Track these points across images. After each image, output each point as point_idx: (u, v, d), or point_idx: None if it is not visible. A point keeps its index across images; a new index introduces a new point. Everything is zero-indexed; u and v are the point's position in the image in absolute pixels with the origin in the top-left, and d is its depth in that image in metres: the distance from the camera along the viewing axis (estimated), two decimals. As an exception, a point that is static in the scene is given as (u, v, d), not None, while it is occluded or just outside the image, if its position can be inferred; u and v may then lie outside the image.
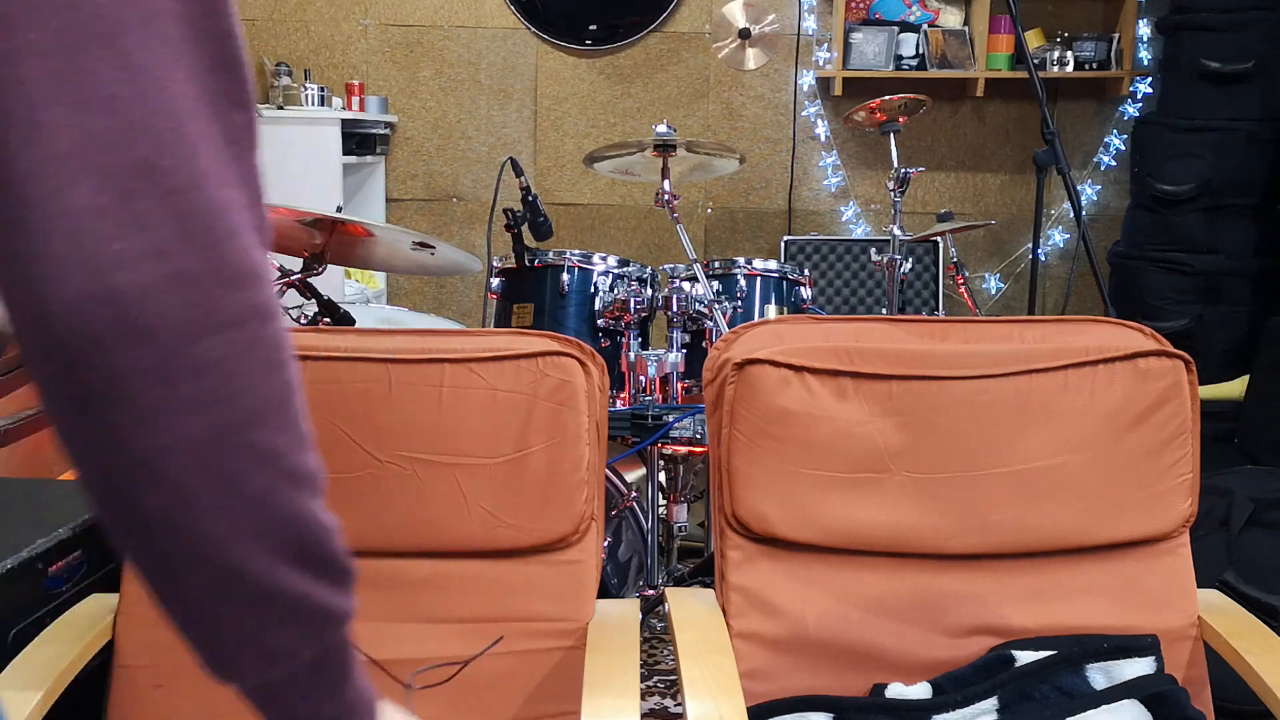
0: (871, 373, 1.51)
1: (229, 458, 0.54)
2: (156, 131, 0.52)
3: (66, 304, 0.50)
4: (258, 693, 0.64)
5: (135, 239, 0.51)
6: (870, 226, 4.14)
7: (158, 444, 0.53)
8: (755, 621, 1.50)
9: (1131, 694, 1.45)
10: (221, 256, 0.53)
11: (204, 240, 0.52)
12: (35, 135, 0.50)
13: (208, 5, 0.54)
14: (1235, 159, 3.51)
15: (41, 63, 0.49)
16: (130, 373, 0.51)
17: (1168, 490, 1.54)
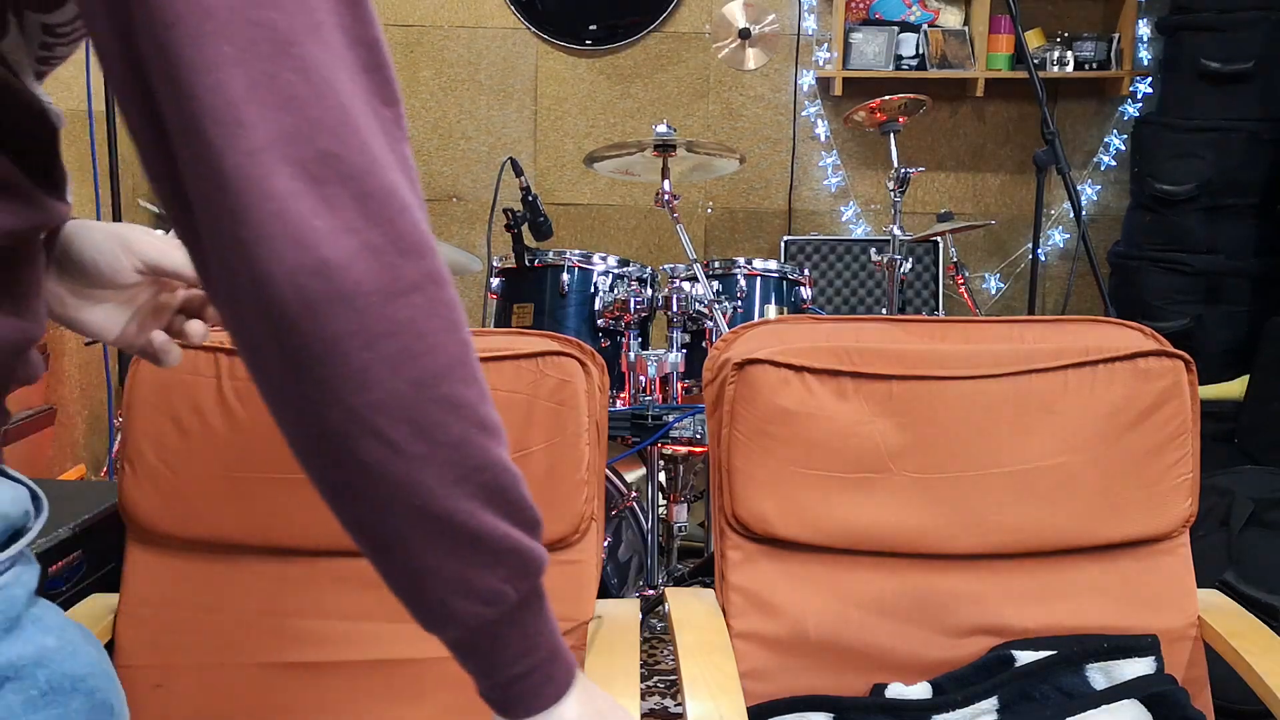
0: (871, 373, 1.51)
1: (429, 409, 0.60)
2: (332, 125, 0.58)
3: (284, 275, 0.56)
4: (466, 642, 0.69)
5: (328, 217, 0.57)
6: (870, 226, 4.14)
7: (369, 399, 0.58)
8: (755, 621, 1.50)
9: (1131, 694, 1.45)
10: (398, 230, 0.59)
11: (382, 216, 0.58)
12: (238, 133, 0.56)
13: (359, 15, 0.61)
14: (1235, 159, 3.51)
15: (236, 70, 0.56)
16: (341, 334, 0.57)
17: (1168, 490, 1.54)
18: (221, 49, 0.56)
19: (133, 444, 1.47)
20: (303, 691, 1.45)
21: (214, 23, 0.56)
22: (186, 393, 1.45)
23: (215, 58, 0.56)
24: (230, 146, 0.56)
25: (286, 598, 1.46)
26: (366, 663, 1.45)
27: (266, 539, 1.46)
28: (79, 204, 3.13)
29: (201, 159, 0.56)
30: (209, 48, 0.56)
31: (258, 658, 1.44)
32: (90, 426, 3.26)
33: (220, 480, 1.46)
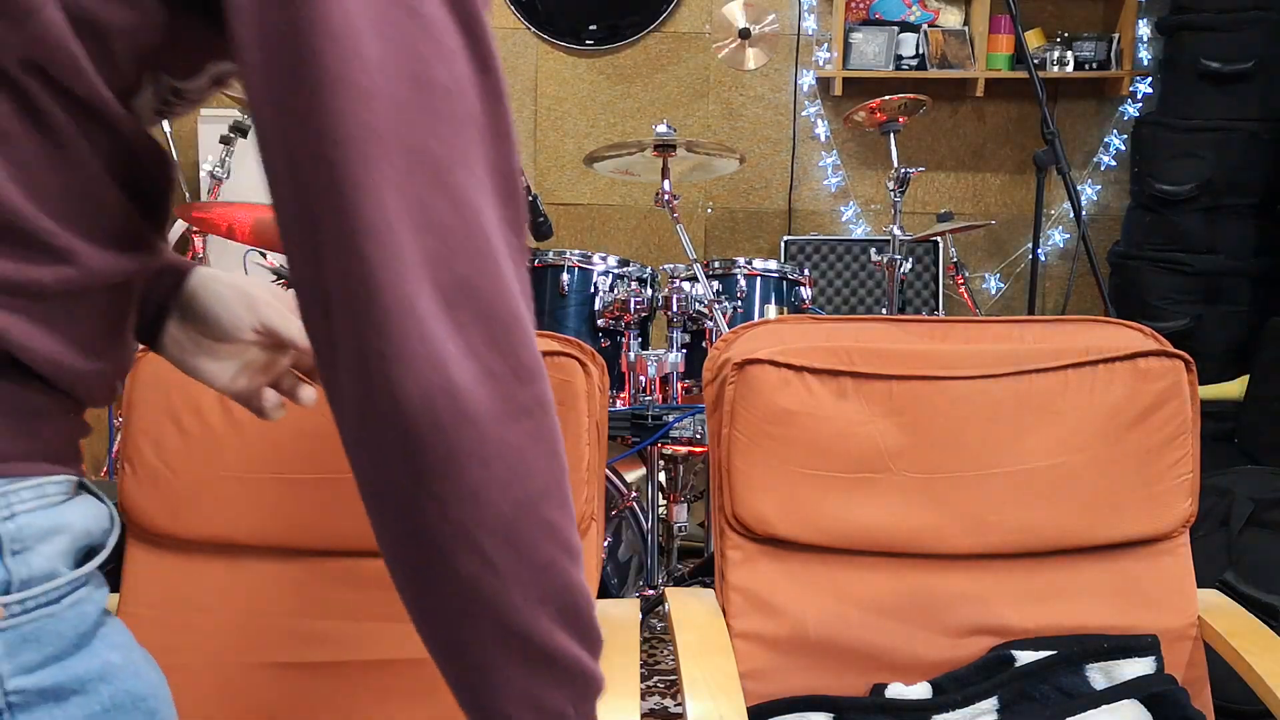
0: (871, 373, 1.51)
1: (526, 529, 0.63)
2: (472, 252, 0.61)
3: (418, 393, 0.59)
4: None
5: (459, 340, 0.60)
6: (870, 226, 4.14)
7: (475, 516, 0.62)
8: (755, 621, 1.50)
9: (1131, 694, 1.45)
10: (519, 358, 0.62)
11: (506, 343, 0.62)
12: (393, 253, 0.59)
13: (503, 147, 0.64)
14: (1235, 159, 3.51)
15: (394, 193, 0.59)
16: (460, 453, 0.61)
17: (1168, 490, 1.54)
18: (384, 171, 0.59)
19: (133, 444, 1.47)
20: (303, 691, 1.45)
21: (379, 146, 0.58)
22: (186, 393, 1.45)
23: (378, 180, 0.58)
24: (384, 265, 0.59)
25: (286, 598, 1.46)
26: (366, 663, 1.45)
27: (266, 539, 1.46)
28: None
29: (353, 273, 0.59)
30: (373, 170, 0.58)
31: (258, 658, 1.44)
32: (90, 426, 3.26)
33: (220, 480, 1.46)
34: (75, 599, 0.67)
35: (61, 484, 0.67)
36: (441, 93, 0.60)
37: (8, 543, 0.63)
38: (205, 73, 0.71)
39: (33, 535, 0.64)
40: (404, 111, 0.59)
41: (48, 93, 0.62)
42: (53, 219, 0.63)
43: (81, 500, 0.69)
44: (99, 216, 0.66)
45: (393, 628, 1.44)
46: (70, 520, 0.67)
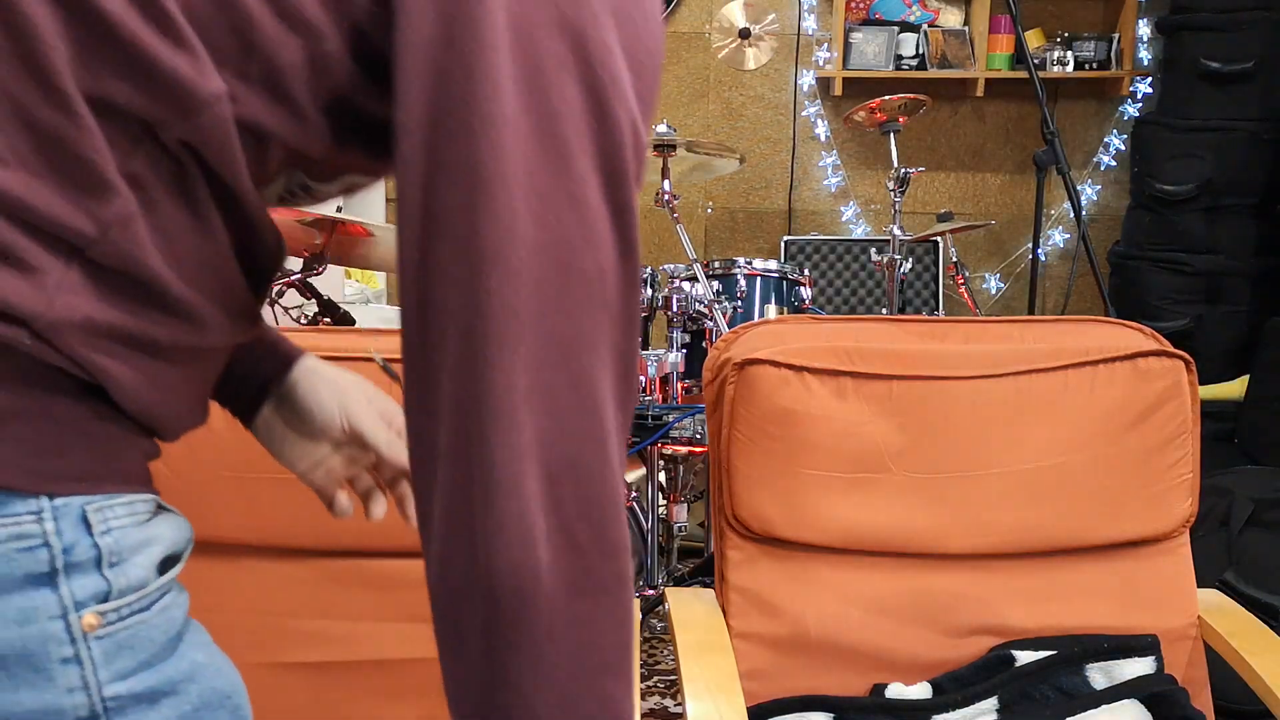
0: (871, 373, 1.51)
1: (582, 702, 0.65)
2: (583, 434, 0.63)
3: (506, 567, 0.61)
4: None
5: (553, 516, 0.62)
6: (870, 226, 4.14)
7: (536, 683, 0.64)
8: (755, 621, 1.50)
9: (1131, 694, 1.45)
10: (606, 536, 0.64)
11: (597, 521, 0.64)
12: (511, 431, 0.61)
13: (630, 330, 0.67)
14: (1235, 159, 3.51)
15: (523, 373, 0.61)
16: (532, 625, 0.63)
17: (1168, 490, 1.54)
18: (518, 352, 0.61)
19: (133, 444, 1.47)
20: (303, 691, 1.45)
21: (518, 325, 0.61)
22: (186, 393, 1.45)
23: (511, 361, 0.61)
24: (501, 442, 0.61)
25: (286, 598, 1.46)
26: (366, 663, 1.45)
27: (266, 539, 1.46)
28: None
29: (469, 441, 0.62)
30: (507, 350, 0.61)
31: (258, 658, 1.44)
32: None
33: (220, 480, 1.46)
34: (164, 604, 0.70)
35: (149, 502, 0.70)
36: (585, 279, 0.63)
37: (106, 555, 0.65)
38: (341, 180, 0.75)
39: (128, 548, 0.67)
40: (547, 296, 0.61)
41: (199, 172, 0.65)
42: (181, 283, 0.65)
43: (166, 516, 0.73)
44: (219, 286, 0.69)
45: (393, 628, 1.44)
46: (160, 533, 0.70)
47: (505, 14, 0.60)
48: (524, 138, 0.61)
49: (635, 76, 0.64)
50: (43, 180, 0.60)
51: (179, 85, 0.61)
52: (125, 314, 0.64)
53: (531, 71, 0.61)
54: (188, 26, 0.61)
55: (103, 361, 0.63)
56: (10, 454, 0.62)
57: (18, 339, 0.60)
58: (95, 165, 0.61)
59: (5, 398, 0.62)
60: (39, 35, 0.59)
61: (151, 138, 0.63)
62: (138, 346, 0.65)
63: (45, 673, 0.64)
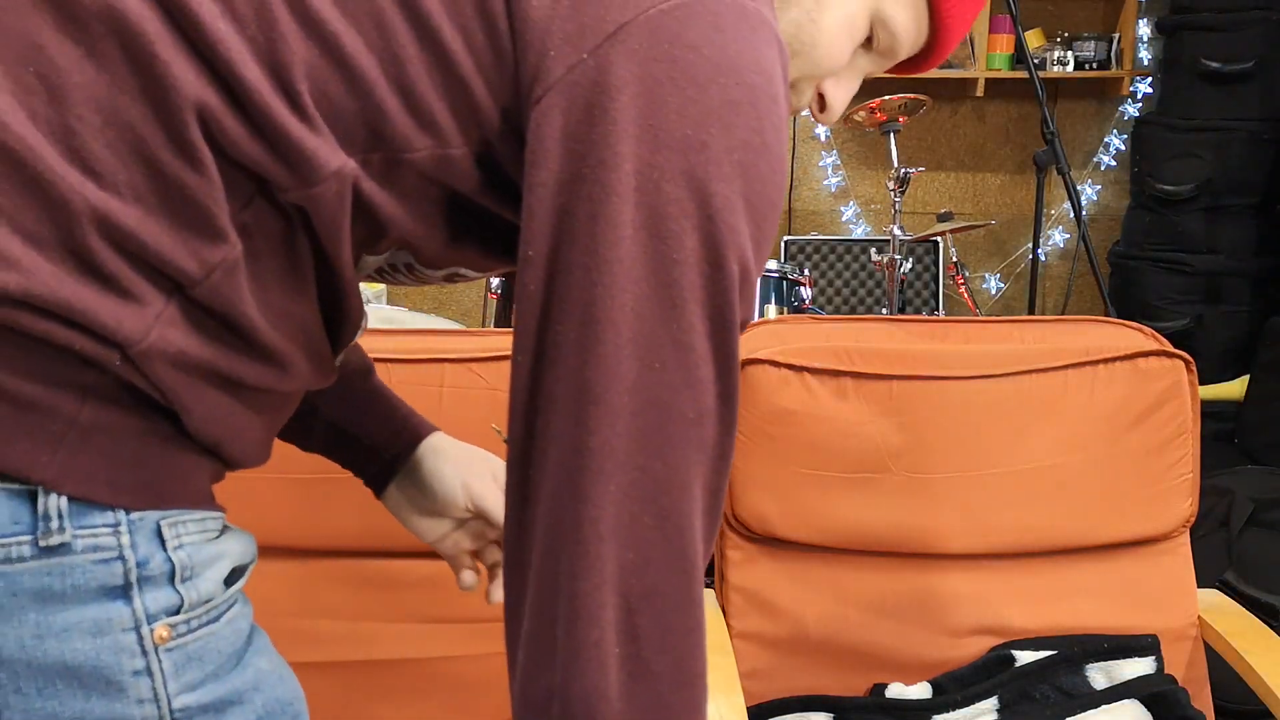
0: (871, 373, 1.51)
1: None
2: (666, 563, 0.64)
3: (581, 693, 0.64)
4: None
5: (628, 645, 0.64)
6: (870, 226, 4.14)
7: None
8: (755, 621, 1.50)
9: (1131, 694, 1.45)
10: (682, 665, 0.66)
11: (674, 649, 0.65)
12: (596, 563, 0.63)
13: (723, 469, 0.67)
14: (1235, 159, 3.51)
15: (611, 507, 0.63)
16: None
17: (1168, 490, 1.54)
18: (609, 487, 0.63)
19: (133, 444, 1.47)
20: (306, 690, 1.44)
21: (612, 463, 0.63)
22: (186, 393, 1.45)
23: (602, 495, 0.63)
24: (584, 574, 0.63)
25: (286, 598, 1.46)
26: (366, 663, 1.45)
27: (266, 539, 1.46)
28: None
29: (557, 564, 0.64)
30: (600, 481, 0.63)
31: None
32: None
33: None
34: (231, 616, 0.72)
35: (218, 519, 0.72)
36: (683, 421, 0.64)
37: (179, 569, 0.67)
38: (447, 269, 0.76)
39: (200, 562, 0.69)
40: (644, 436, 0.63)
41: (305, 235, 0.68)
42: (272, 330, 0.68)
43: (233, 532, 0.75)
44: (304, 339, 0.71)
45: (393, 628, 1.45)
46: (229, 549, 0.72)
47: (634, 162, 0.62)
48: (638, 282, 0.63)
49: (754, 227, 0.66)
50: (156, 218, 0.63)
51: (304, 156, 0.64)
52: (215, 352, 0.66)
53: (653, 219, 0.62)
54: (314, 108, 0.64)
55: (184, 392, 0.66)
56: (93, 466, 0.64)
57: (109, 360, 0.63)
58: (210, 212, 0.63)
59: (92, 412, 0.63)
60: (176, 88, 0.62)
61: (268, 195, 0.65)
62: (220, 383, 0.68)
63: (117, 684, 0.65)
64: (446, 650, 1.46)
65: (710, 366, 0.65)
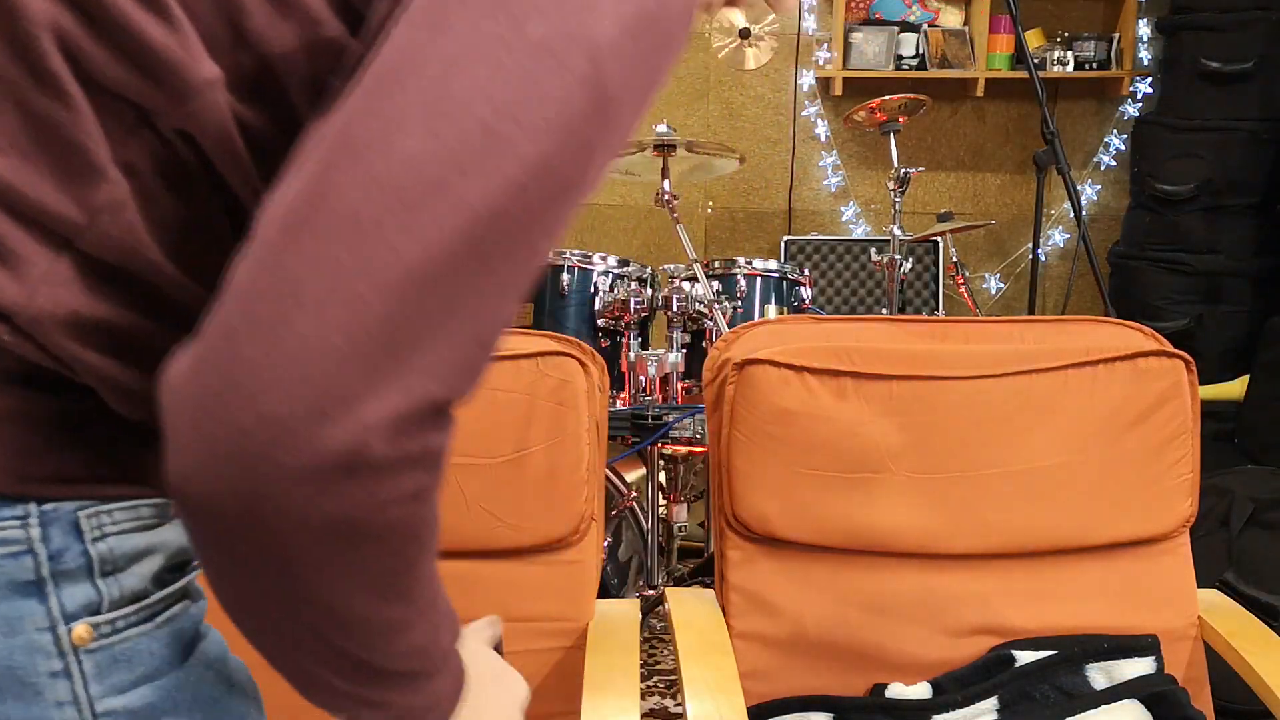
0: (871, 373, 1.51)
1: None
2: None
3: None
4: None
5: None
6: (870, 226, 4.14)
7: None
8: (755, 621, 1.50)
9: (1131, 694, 1.45)
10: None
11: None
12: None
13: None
14: (1235, 159, 3.51)
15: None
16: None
17: (1168, 490, 1.54)
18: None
19: (133, 444, 1.47)
20: (303, 691, 1.45)
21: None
22: (186, 393, 1.45)
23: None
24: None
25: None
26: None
27: (266, 539, 1.46)
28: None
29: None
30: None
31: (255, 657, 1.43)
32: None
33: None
34: (169, 616, 0.66)
35: (155, 506, 0.66)
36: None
37: (98, 563, 0.62)
38: None
39: (125, 556, 0.63)
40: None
41: (202, 171, 0.62)
42: (183, 277, 0.62)
43: (175, 521, 0.68)
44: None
45: (393, 628, 1.44)
46: (166, 540, 0.67)
47: None
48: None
49: None
50: (32, 165, 0.58)
51: (170, 68, 0.58)
52: (119, 308, 0.61)
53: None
54: (177, 7, 0.58)
55: (91, 359, 0.60)
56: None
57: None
58: (86, 150, 0.58)
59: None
60: (28, 15, 0.57)
61: (148, 126, 0.60)
62: (131, 343, 0.62)
63: (33, 686, 0.61)
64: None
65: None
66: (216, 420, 0.50)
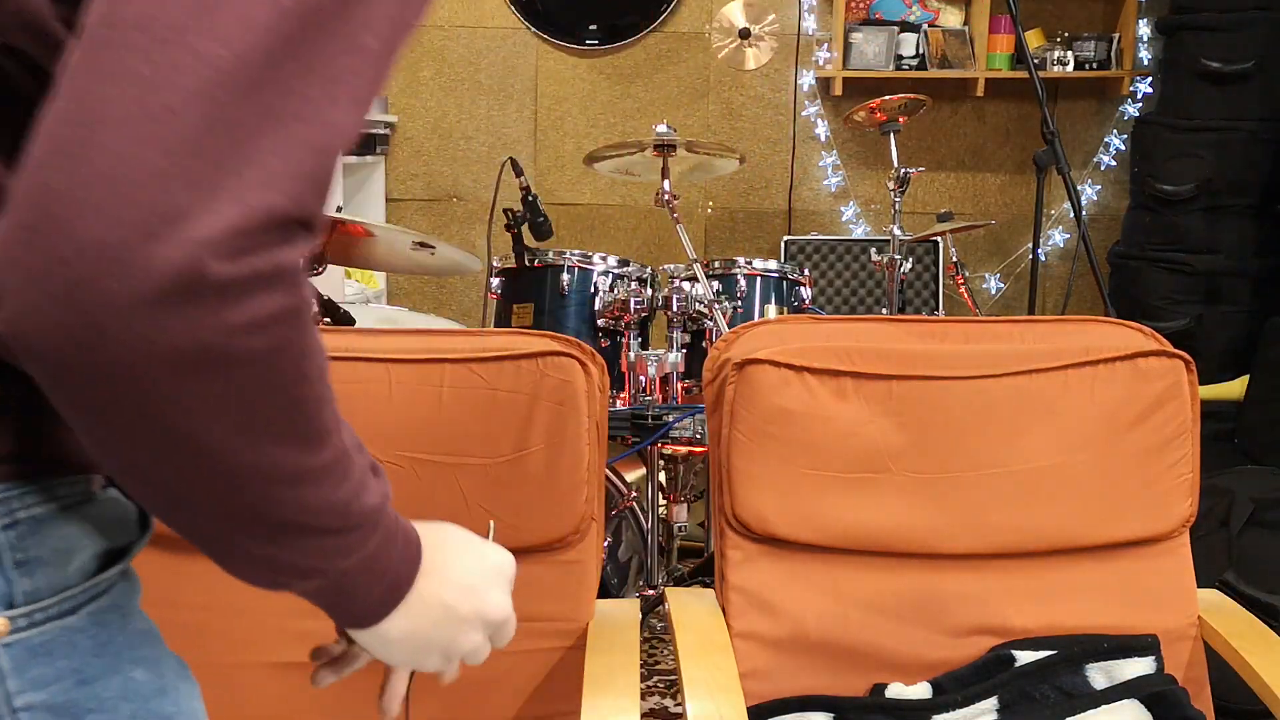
0: (871, 373, 1.51)
1: None
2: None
3: None
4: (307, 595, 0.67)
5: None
6: (870, 226, 4.14)
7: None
8: (755, 621, 1.50)
9: (1131, 694, 1.45)
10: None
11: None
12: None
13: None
14: (1235, 159, 3.51)
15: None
16: None
17: (1168, 490, 1.54)
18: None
19: (133, 444, 1.46)
20: (302, 691, 1.44)
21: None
22: (186, 393, 1.45)
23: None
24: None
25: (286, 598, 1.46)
26: (366, 663, 1.44)
27: (266, 539, 1.46)
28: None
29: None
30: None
31: (254, 657, 1.44)
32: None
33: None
34: (95, 608, 0.64)
35: (76, 484, 0.63)
36: None
37: (7, 551, 0.59)
38: None
39: (39, 542, 0.60)
40: None
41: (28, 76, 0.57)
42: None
43: (106, 503, 0.65)
44: None
45: (393, 628, 1.44)
46: (92, 525, 0.64)
47: None
48: None
49: None
50: None
51: None
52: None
53: None
54: None
55: None
56: None
57: None
58: None
59: None
60: None
61: None
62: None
63: None
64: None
65: None
66: (36, 255, 0.47)
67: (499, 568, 0.82)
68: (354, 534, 0.63)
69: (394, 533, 0.68)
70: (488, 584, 0.80)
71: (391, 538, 0.68)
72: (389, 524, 0.67)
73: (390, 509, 0.67)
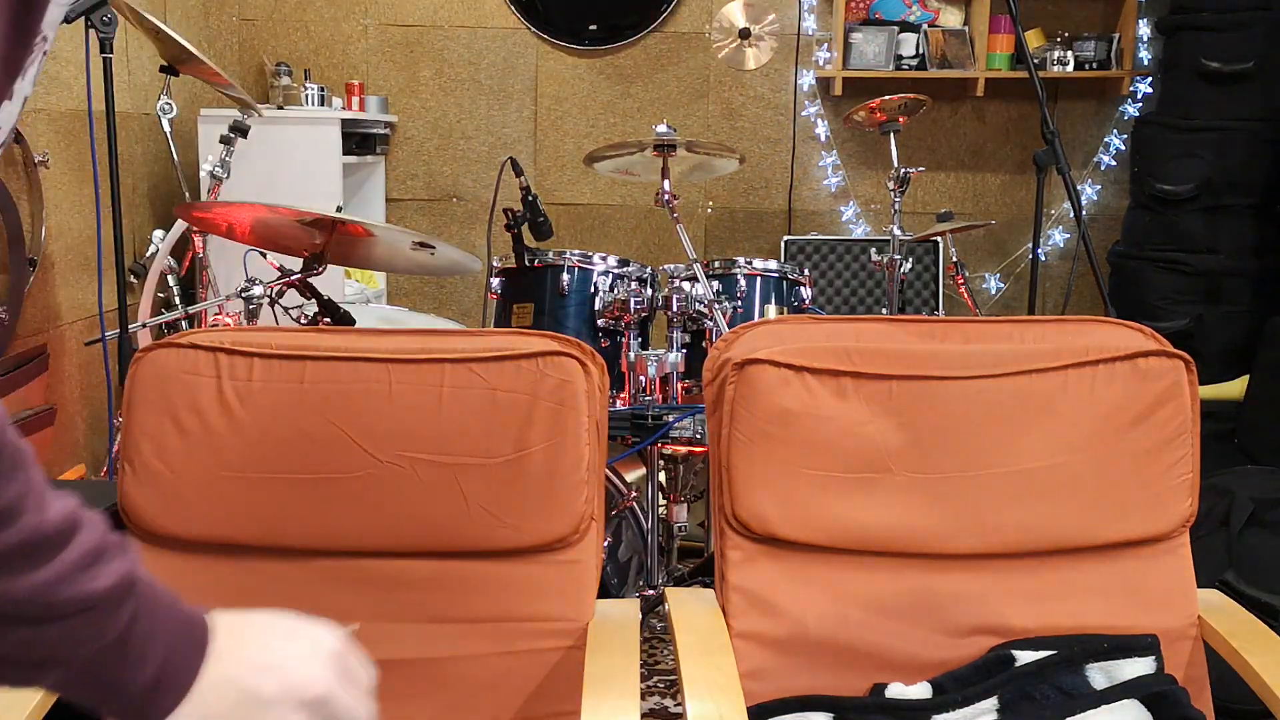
0: (871, 373, 1.51)
1: None
2: None
3: None
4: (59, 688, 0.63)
5: None
6: (870, 226, 4.14)
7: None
8: (755, 621, 1.50)
9: (1131, 694, 1.45)
10: None
11: None
12: None
13: None
14: (1235, 159, 3.51)
15: None
16: None
17: (1168, 490, 1.54)
18: None
19: (132, 444, 1.47)
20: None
21: None
22: (186, 392, 1.45)
23: None
24: None
25: (286, 598, 1.46)
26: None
27: (266, 539, 1.46)
28: (78, 204, 3.13)
29: None
30: None
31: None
32: (90, 426, 3.26)
33: (220, 480, 1.46)
34: None
35: None
36: None
37: None
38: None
39: None
40: None
41: None
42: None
43: None
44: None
45: (392, 628, 1.44)
46: None
47: None
48: None
49: None
50: None
51: None
52: None
53: None
54: None
55: None
56: None
57: None
58: None
59: None
60: None
61: None
62: None
63: None
64: (446, 650, 1.46)
65: None
66: None
67: (317, 643, 0.75)
68: (78, 619, 0.61)
69: (154, 615, 0.66)
70: (299, 660, 0.73)
71: (150, 620, 0.65)
72: (142, 606, 0.65)
73: (150, 592, 0.65)
